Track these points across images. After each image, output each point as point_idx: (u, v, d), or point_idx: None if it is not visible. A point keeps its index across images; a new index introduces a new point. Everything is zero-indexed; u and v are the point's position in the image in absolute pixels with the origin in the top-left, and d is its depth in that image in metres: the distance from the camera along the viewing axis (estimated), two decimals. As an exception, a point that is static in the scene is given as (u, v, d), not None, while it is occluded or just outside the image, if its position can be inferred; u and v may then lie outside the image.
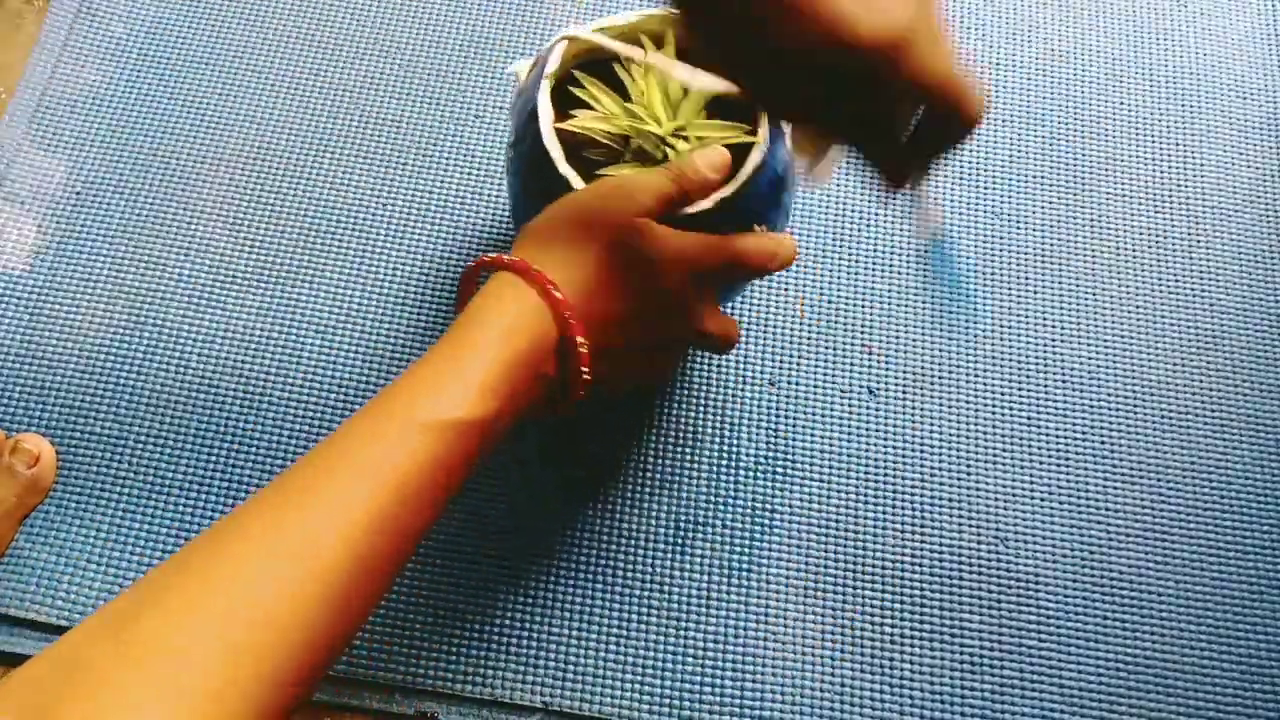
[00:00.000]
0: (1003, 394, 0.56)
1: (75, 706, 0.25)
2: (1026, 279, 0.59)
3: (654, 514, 0.53)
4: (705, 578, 0.51)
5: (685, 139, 0.43)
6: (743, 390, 0.55)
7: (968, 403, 0.56)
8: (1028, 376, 0.57)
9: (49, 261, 0.57)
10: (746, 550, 0.52)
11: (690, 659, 0.50)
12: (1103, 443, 0.55)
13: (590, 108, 0.44)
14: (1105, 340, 0.58)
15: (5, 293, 0.56)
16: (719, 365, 0.56)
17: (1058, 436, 0.55)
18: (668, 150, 0.43)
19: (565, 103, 0.44)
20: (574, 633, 0.50)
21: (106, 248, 0.57)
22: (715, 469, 0.54)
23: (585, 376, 0.36)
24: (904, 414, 0.55)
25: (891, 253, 0.59)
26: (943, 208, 0.60)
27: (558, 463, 0.53)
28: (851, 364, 0.56)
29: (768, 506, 0.53)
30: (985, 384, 0.56)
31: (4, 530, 0.50)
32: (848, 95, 0.31)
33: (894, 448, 0.55)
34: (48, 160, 0.59)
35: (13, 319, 0.55)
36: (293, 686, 0.29)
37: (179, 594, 0.28)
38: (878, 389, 0.56)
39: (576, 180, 0.40)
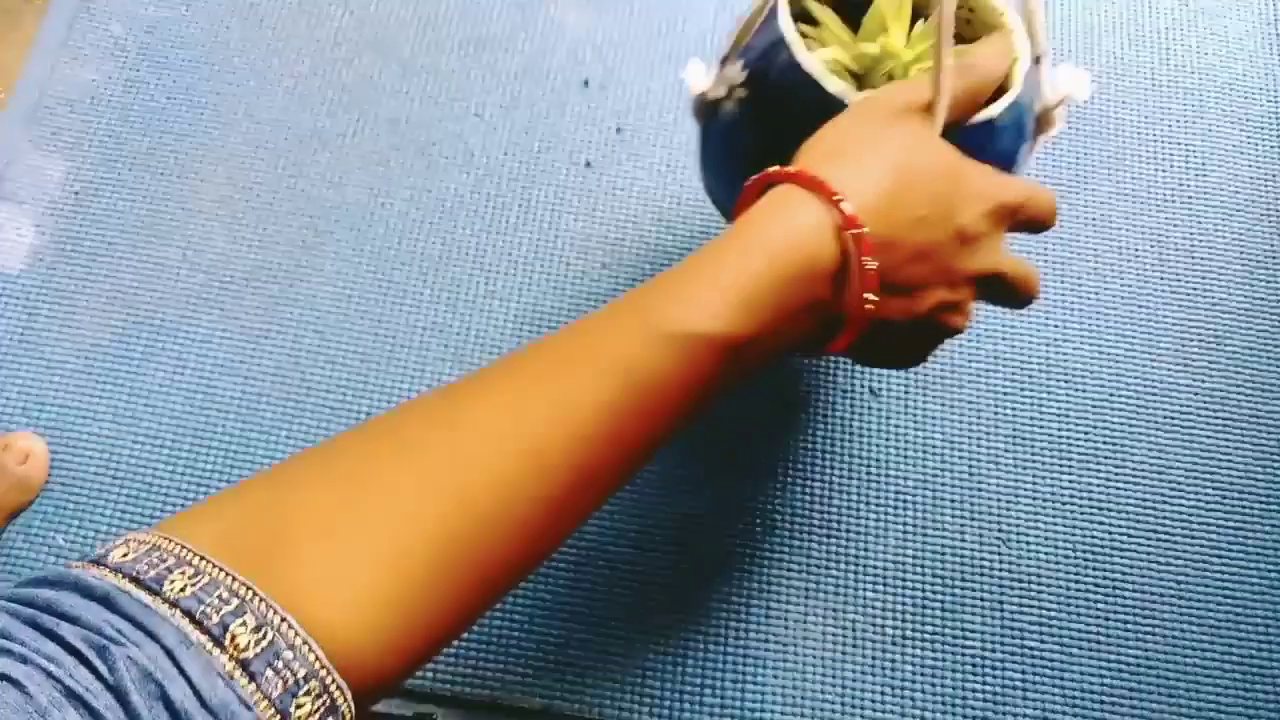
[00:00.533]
0: (1005, 394, 0.56)
1: (306, 548, 0.25)
2: (1028, 279, 0.59)
3: (654, 514, 0.52)
4: (705, 577, 0.51)
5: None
6: (743, 390, 0.55)
7: (970, 403, 0.56)
8: (1029, 376, 0.56)
9: (47, 261, 0.57)
10: (746, 550, 0.52)
11: (690, 659, 0.50)
12: (1105, 443, 0.55)
13: (816, 40, 0.40)
14: (1107, 340, 0.58)
15: (4, 292, 0.56)
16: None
17: (1060, 437, 0.55)
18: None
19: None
20: (574, 633, 0.50)
21: (105, 247, 0.57)
22: (715, 470, 0.53)
23: (870, 306, 0.30)
24: (906, 414, 0.55)
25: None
26: None
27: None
28: (853, 363, 0.56)
29: (768, 506, 0.53)
30: (987, 384, 0.56)
31: None
32: None
33: (896, 448, 0.54)
34: (46, 160, 0.59)
35: (11, 319, 0.55)
36: (494, 583, 0.28)
37: (391, 468, 0.27)
38: (880, 389, 0.56)
39: (853, 95, 0.35)
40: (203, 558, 0.24)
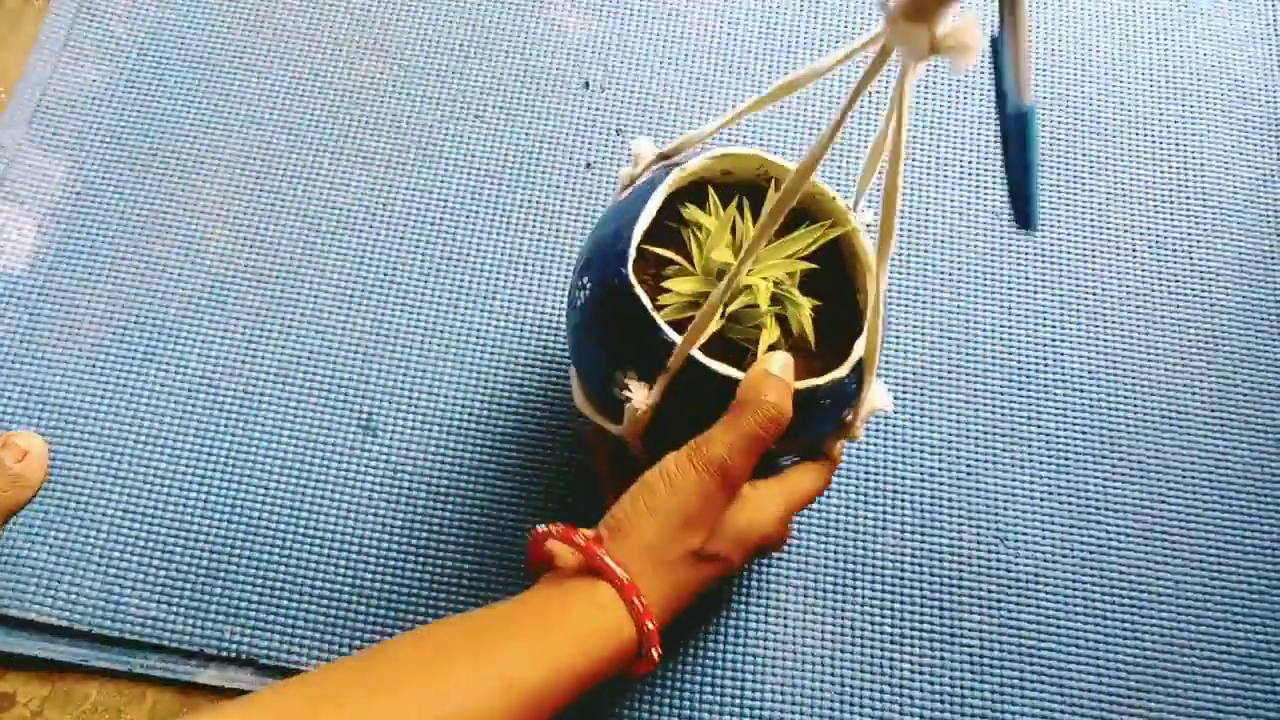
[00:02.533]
0: (1002, 393, 0.56)
1: None
2: (1026, 279, 0.59)
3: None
4: (705, 578, 0.51)
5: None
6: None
7: (967, 402, 0.56)
8: (1028, 376, 0.57)
9: (49, 261, 0.57)
10: (746, 550, 0.52)
11: (690, 658, 0.50)
12: (1102, 442, 0.55)
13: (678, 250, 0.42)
14: (1105, 340, 0.58)
15: (5, 293, 0.56)
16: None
17: (1057, 436, 0.55)
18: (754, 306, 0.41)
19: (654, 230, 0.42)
20: (574, 633, 0.50)
21: (106, 248, 0.57)
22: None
23: (655, 661, 0.39)
24: (904, 413, 0.55)
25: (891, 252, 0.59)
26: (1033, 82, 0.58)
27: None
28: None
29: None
30: (985, 383, 0.56)
31: None
32: None
33: (894, 447, 0.55)
34: (47, 160, 0.59)
35: (12, 319, 0.55)
36: None
37: None
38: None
39: (674, 335, 0.38)
40: None
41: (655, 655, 0.39)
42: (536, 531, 0.41)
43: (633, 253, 0.39)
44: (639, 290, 0.39)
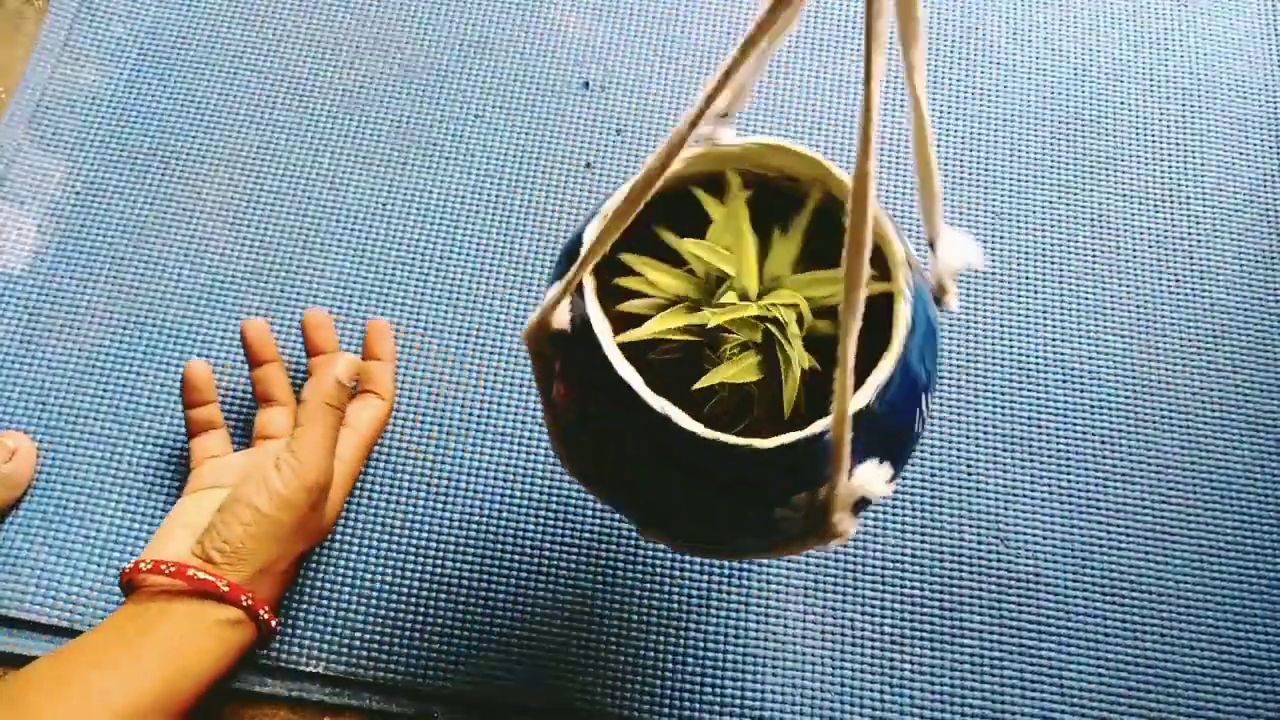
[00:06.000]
0: (1003, 393, 0.56)
1: None
2: (1026, 279, 0.59)
3: (654, 514, 0.52)
4: (705, 578, 0.51)
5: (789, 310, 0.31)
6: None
7: (968, 402, 0.56)
8: (1028, 376, 0.57)
9: (49, 261, 0.57)
10: (746, 550, 0.52)
11: (690, 659, 0.50)
12: (1103, 442, 0.55)
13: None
14: (1105, 340, 0.58)
15: (5, 293, 0.56)
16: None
17: (1058, 436, 0.55)
18: (771, 327, 0.31)
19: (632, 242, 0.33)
20: (574, 633, 0.50)
21: (106, 248, 0.57)
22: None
23: (276, 624, 0.46)
24: (904, 414, 0.55)
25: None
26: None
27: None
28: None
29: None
30: (985, 383, 0.56)
31: None
32: None
33: (894, 447, 0.55)
34: (47, 160, 0.59)
35: (12, 319, 0.55)
36: None
37: None
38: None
39: (644, 390, 0.29)
40: None
41: (267, 619, 0.44)
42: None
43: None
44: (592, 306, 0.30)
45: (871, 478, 0.29)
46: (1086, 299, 0.59)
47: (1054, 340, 0.58)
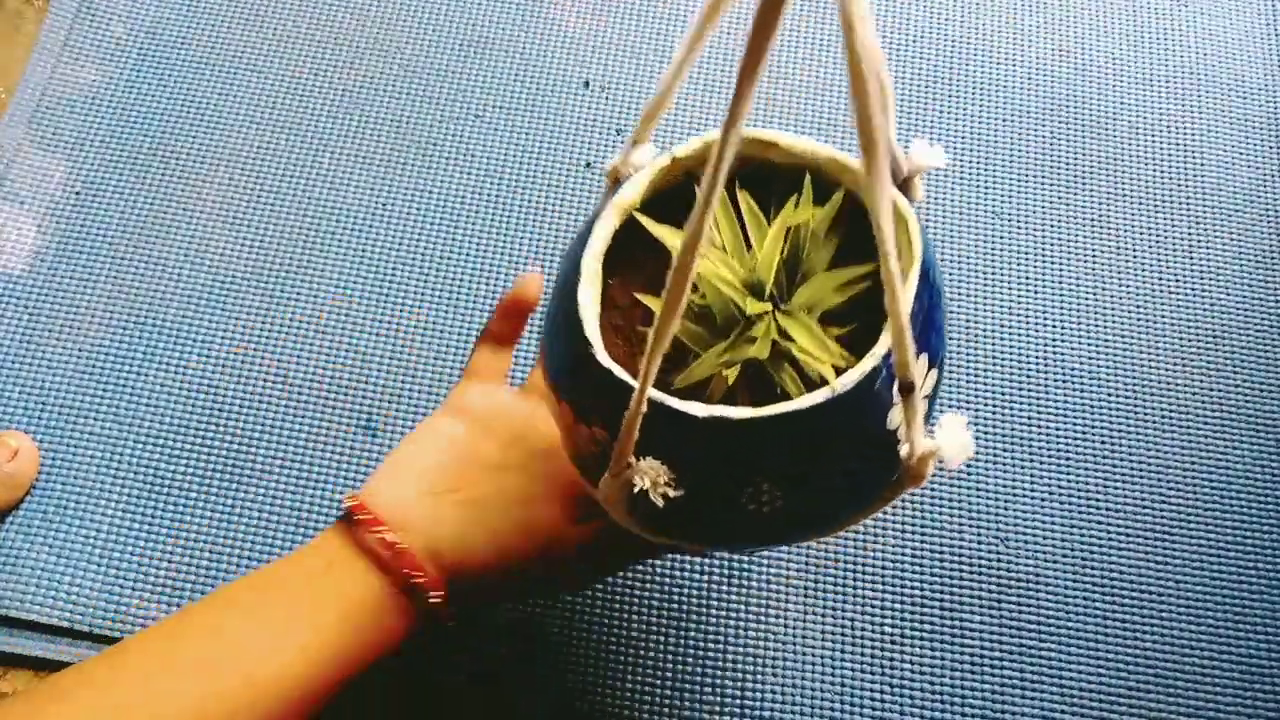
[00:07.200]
0: (1003, 393, 0.56)
1: None
2: (1026, 279, 0.59)
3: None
4: (705, 578, 0.51)
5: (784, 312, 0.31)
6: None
7: (968, 402, 0.56)
8: (1028, 376, 0.57)
9: (49, 261, 0.57)
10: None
11: (690, 659, 0.50)
12: (1103, 442, 0.55)
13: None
14: (1105, 340, 0.58)
15: (5, 293, 0.56)
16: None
17: (1058, 436, 0.55)
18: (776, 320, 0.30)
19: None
20: (574, 633, 0.50)
21: (106, 248, 0.57)
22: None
23: (451, 621, 0.37)
24: (904, 414, 0.55)
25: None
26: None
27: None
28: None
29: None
30: (985, 383, 0.56)
31: None
32: None
33: (894, 447, 0.55)
34: (48, 160, 0.59)
35: (12, 319, 0.55)
36: None
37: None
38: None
39: (619, 371, 0.28)
40: None
41: (439, 600, 0.36)
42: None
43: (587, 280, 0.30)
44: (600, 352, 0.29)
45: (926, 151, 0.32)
46: (1086, 299, 0.59)
47: (1054, 340, 0.58)
